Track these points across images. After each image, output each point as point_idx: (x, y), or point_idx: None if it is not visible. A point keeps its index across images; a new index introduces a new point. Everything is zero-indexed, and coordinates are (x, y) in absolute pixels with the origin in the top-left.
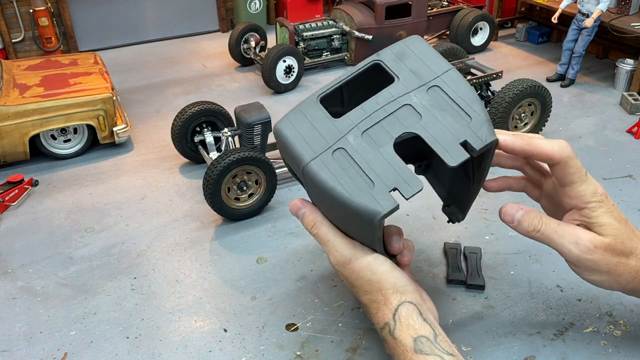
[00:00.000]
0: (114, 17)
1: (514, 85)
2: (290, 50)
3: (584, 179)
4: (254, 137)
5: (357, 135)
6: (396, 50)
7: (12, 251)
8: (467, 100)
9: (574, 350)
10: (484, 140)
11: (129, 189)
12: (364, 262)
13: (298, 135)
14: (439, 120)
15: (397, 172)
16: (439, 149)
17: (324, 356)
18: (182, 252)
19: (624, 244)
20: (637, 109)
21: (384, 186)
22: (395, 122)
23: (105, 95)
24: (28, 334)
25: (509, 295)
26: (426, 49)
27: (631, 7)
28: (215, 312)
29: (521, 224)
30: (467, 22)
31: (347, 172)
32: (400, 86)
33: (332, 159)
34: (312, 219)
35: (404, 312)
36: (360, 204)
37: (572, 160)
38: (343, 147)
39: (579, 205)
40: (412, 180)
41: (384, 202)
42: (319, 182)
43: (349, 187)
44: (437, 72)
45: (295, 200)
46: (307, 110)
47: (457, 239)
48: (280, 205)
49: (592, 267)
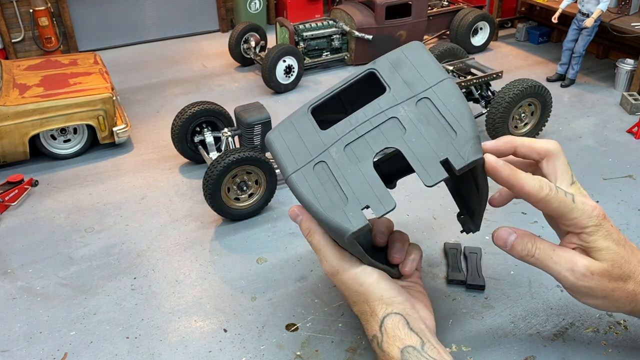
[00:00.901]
0: (114, 17)
1: (514, 85)
2: (290, 50)
3: (572, 207)
4: (254, 137)
5: (339, 148)
6: (393, 58)
7: (12, 251)
8: (455, 114)
9: (574, 350)
10: (466, 160)
11: (129, 189)
12: (351, 274)
13: (285, 147)
14: (423, 135)
15: (372, 188)
16: (417, 167)
17: (324, 356)
18: (182, 252)
19: (622, 268)
20: (637, 109)
21: (356, 203)
22: (379, 136)
23: (105, 95)
24: (28, 334)
25: (509, 295)
26: (423, 57)
27: (631, 7)
28: (215, 312)
29: (514, 249)
30: (467, 22)
31: (324, 186)
32: (390, 97)
33: (313, 173)
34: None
35: (389, 323)
36: (332, 220)
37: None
38: (324, 160)
39: (574, 231)
40: (384, 198)
41: (354, 219)
42: (298, 195)
43: (324, 202)
44: (430, 83)
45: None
46: (297, 121)
47: (457, 239)
48: (280, 205)
49: (588, 293)
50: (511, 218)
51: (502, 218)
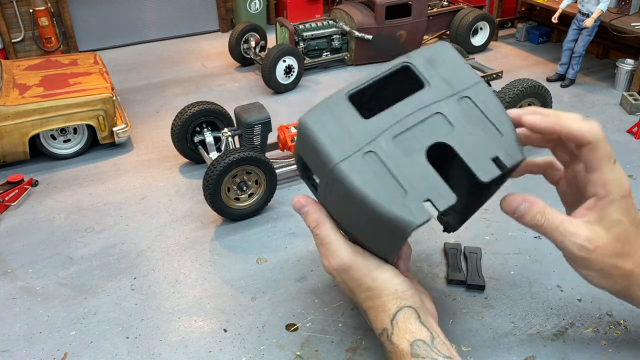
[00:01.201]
0: (114, 17)
1: (514, 85)
2: (290, 50)
3: (612, 167)
4: (254, 137)
5: (388, 139)
6: (427, 55)
7: (12, 251)
8: (497, 115)
9: (574, 350)
10: (515, 159)
11: (129, 189)
12: (365, 270)
13: (326, 132)
14: (471, 133)
15: (430, 182)
16: (471, 163)
17: (324, 356)
18: (182, 252)
19: (624, 246)
20: (637, 109)
21: (417, 196)
22: (427, 130)
23: (105, 95)
24: (28, 334)
25: (509, 295)
26: (456, 58)
27: (631, 7)
28: (215, 312)
29: (524, 217)
30: (467, 22)
31: (378, 177)
32: (431, 93)
33: (364, 162)
34: (315, 218)
35: (401, 317)
36: (393, 212)
37: (601, 142)
38: (374, 150)
39: (600, 194)
40: (445, 192)
41: (417, 212)
42: (349, 185)
43: (381, 194)
44: (468, 83)
45: (299, 196)
46: (336, 106)
47: (457, 239)
48: (280, 205)
49: (585, 265)
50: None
51: (502, 218)
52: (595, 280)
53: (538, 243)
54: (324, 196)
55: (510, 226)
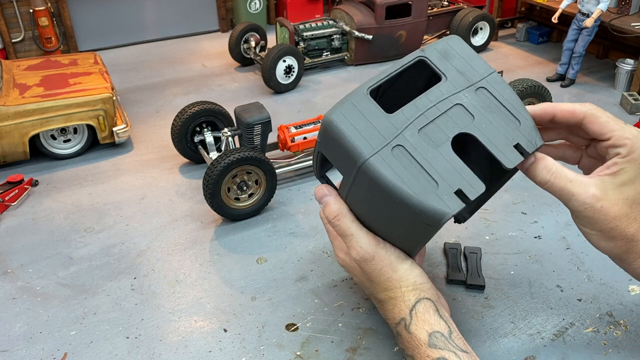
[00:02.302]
0: (114, 17)
1: (514, 85)
2: (290, 50)
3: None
4: (254, 137)
5: (413, 132)
6: (440, 48)
7: (12, 251)
8: (514, 104)
9: (574, 350)
10: (535, 144)
11: (128, 189)
12: (386, 260)
13: (353, 129)
14: (491, 122)
15: (459, 172)
16: (495, 151)
17: (324, 356)
18: (182, 252)
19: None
20: (637, 109)
21: (448, 186)
22: (450, 121)
23: (105, 95)
24: (28, 334)
25: (509, 295)
26: (468, 50)
27: (631, 7)
28: (215, 312)
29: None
30: (467, 22)
31: (409, 170)
32: (450, 85)
33: (392, 156)
34: (336, 209)
35: (421, 308)
36: (427, 204)
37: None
38: (401, 144)
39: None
40: (474, 181)
41: (450, 202)
42: (380, 179)
43: (414, 186)
44: (483, 74)
45: (321, 186)
46: (359, 102)
47: (457, 239)
48: (280, 205)
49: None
50: (511, 218)
51: (502, 218)
52: (594, 240)
53: (538, 243)
54: (346, 193)
55: (510, 226)
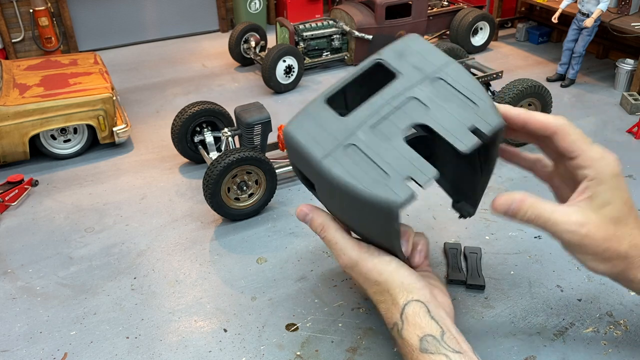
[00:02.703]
0: (114, 17)
1: (514, 85)
2: (290, 50)
3: (591, 147)
4: (254, 137)
5: (366, 130)
6: (396, 48)
7: (12, 251)
8: (471, 88)
9: (574, 350)
10: (493, 125)
11: (128, 189)
12: (370, 264)
13: (308, 136)
14: (446, 109)
15: (410, 161)
16: (449, 137)
17: (324, 356)
18: (182, 252)
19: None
20: (637, 109)
21: (398, 176)
22: (403, 115)
23: (105, 95)
24: (28, 334)
25: (509, 295)
26: (425, 45)
27: (631, 7)
28: (215, 312)
29: (516, 216)
30: (467, 22)
31: (360, 166)
32: (404, 81)
33: (345, 155)
34: (320, 223)
35: (410, 311)
36: (377, 195)
37: (569, 127)
38: (354, 143)
39: (590, 175)
40: (425, 167)
41: (400, 191)
42: (333, 179)
43: (364, 180)
44: (439, 65)
45: (301, 206)
46: (315, 111)
47: (457, 239)
48: (280, 205)
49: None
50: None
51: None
52: (592, 265)
53: (538, 243)
54: (322, 198)
55: (510, 226)
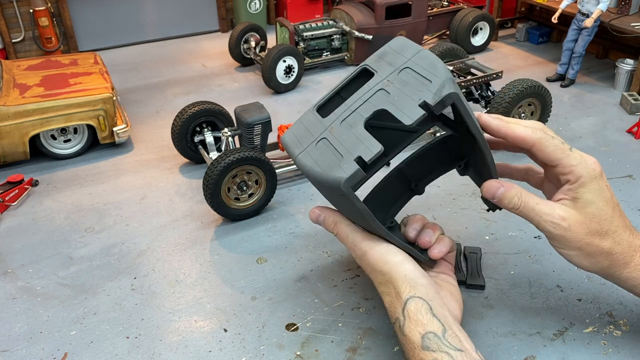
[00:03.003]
0: (114, 17)
1: (514, 85)
2: (290, 50)
3: (569, 154)
4: (254, 137)
5: (337, 124)
6: (379, 52)
7: (12, 251)
8: (429, 69)
9: (574, 350)
10: (439, 96)
11: (128, 189)
12: (377, 253)
13: (293, 138)
14: (403, 92)
15: (361, 141)
16: (398, 114)
17: (324, 356)
18: (182, 252)
19: (600, 224)
20: (637, 109)
21: (350, 156)
22: (368, 105)
23: (105, 95)
24: (28, 334)
25: (509, 295)
26: (404, 42)
27: (631, 7)
28: (215, 312)
29: (501, 201)
30: (467, 22)
31: (324, 154)
32: (378, 77)
33: (315, 149)
34: (332, 220)
35: (412, 307)
36: (330, 175)
37: (546, 139)
38: (325, 137)
39: (571, 180)
40: (371, 144)
41: (347, 169)
42: (304, 170)
43: (323, 165)
44: (409, 56)
45: (314, 208)
46: (304, 118)
47: (457, 239)
48: (280, 205)
49: (564, 243)
50: (511, 218)
51: (502, 218)
52: (576, 260)
53: (538, 243)
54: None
55: (510, 226)
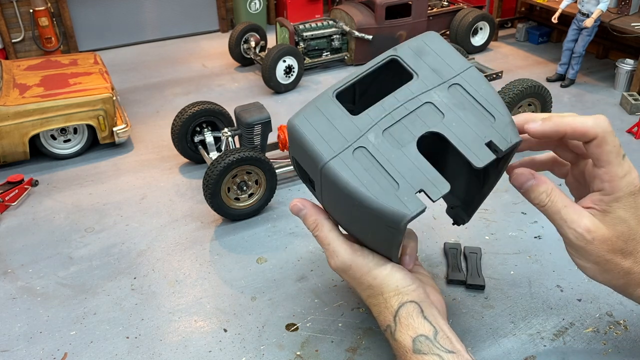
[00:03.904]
0: (114, 17)
1: (514, 85)
2: (290, 50)
3: (620, 162)
4: (254, 137)
5: (378, 133)
6: (414, 46)
7: (12, 251)
8: (489, 99)
9: (574, 350)
10: (509, 142)
11: (128, 189)
12: (364, 269)
13: (315, 132)
14: (462, 119)
15: (423, 172)
16: (464, 150)
17: (324, 356)
18: (182, 252)
19: (627, 243)
20: (637, 109)
21: (409, 187)
22: (417, 120)
23: (105, 95)
24: (28, 334)
25: (509, 295)
26: (444, 46)
27: (631, 7)
28: (215, 312)
29: (528, 194)
30: (467, 22)
31: (369, 172)
32: (420, 83)
33: (353, 158)
34: (313, 220)
35: (404, 312)
36: (386, 206)
37: (609, 135)
38: (364, 145)
39: (606, 190)
40: (438, 181)
41: (410, 204)
42: (340, 182)
43: (373, 188)
44: (458, 70)
45: (295, 200)
46: (323, 106)
47: (457, 239)
48: (280, 205)
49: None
50: (511, 218)
51: (502, 218)
52: (590, 273)
53: (538, 243)
54: (321, 197)
55: (510, 226)
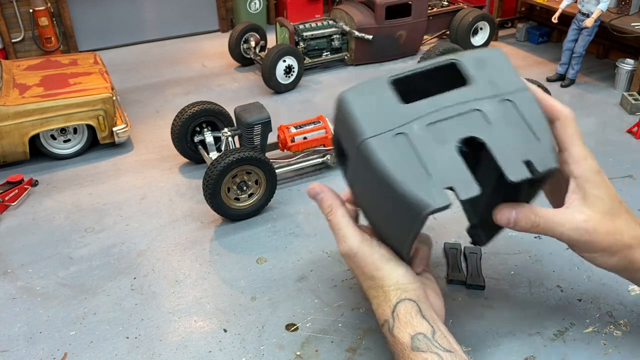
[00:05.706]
0: (114, 17)
1: None
2: (290, 50)
3: (582, 145)
4: (254, 137)
5: (422, 125)
6: (477, 56)
7: (12, 251)
8: (538, 123)
9: (574, 350)
10: (547, 166)
11: (128, 189)
12: (369, 258)
13: (363, 109)
14: (507, 133)
15: (456, 171)
16: (501, 161)
17: (324, 356)
18: (182, 252)
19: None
20: (637, 109)
21: (440, 181)
22: (463, 123)
23: (105, 95)
24: (28, 334)
25: (509, 295)
26: (505, 63)
27: (631, 7)
28: (215, 312)
29: (518, 224)
30: (467, 22)
31: (405, 158)
32: (475, 91)
33: (393, 142)
34: (329, 205)
35: (402, 309)
36: (413, 192)
37: (572, 121)
38: (406, 132)
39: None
40: (469, 183)
41: (437, 197)
42: (373, 160)
43: (404, 173)
44: (514, 88)
45: (314, 184)
46: (377, 87)
47: (457, 239)
48: (280, 205)
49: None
50: None
51: None
52: (601, 261)
53: (538, 243)
54: (352, 175)
55: None
